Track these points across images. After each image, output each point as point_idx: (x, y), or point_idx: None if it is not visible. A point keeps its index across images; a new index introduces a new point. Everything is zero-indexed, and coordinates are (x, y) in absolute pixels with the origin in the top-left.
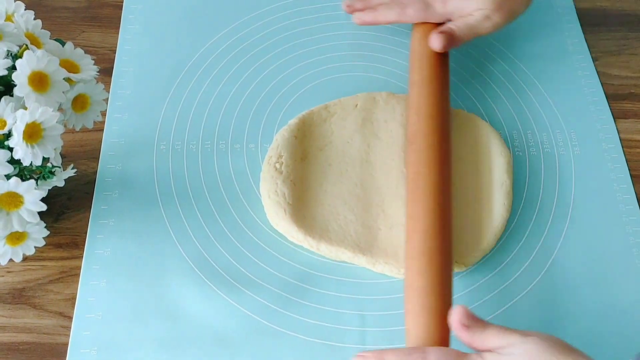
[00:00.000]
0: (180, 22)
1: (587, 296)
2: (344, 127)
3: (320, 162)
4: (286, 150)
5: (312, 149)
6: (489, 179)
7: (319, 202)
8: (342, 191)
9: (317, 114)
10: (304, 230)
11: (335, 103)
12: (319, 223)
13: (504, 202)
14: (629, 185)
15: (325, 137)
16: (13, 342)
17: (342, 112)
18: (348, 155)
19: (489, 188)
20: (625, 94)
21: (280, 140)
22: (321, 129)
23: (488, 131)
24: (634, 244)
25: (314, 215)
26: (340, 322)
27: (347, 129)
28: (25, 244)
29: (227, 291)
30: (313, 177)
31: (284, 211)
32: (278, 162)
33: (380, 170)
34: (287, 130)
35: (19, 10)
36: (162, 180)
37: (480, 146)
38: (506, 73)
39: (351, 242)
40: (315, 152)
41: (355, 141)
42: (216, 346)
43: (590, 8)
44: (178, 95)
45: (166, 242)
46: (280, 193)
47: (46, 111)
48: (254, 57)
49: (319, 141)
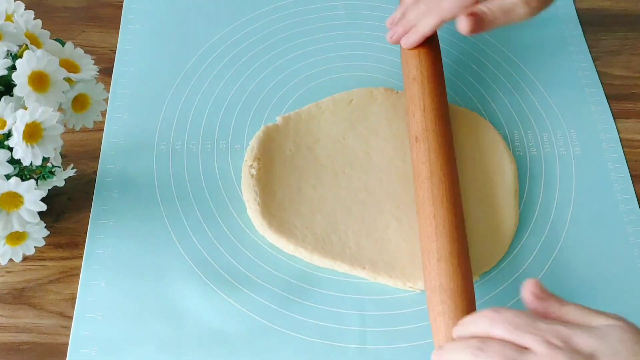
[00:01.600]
0: (180, 22)
1: (587, 296)
2: (335, 124)
3: (309, 162)
4: (262, 151)
5: (300, 147)
6: (500, 189)
7: (314, 209)
8: (342, 197)
9: (305, 112)
10: (294, 241)
11: (327, 100)
12: (314, 234)
13: (514, 215)
14: (629, 186)
15: (313, 134)
16: (13, 342)
17: (334, 108)
18: (343, 154)
19: (499, 199)
20: (625, 94)
21: (255, 142)
22: (309, 125)
23: (492, 134)
24: (634, 244)
25: (308, 224)
26: (340, 322)
27: (340, 126)
28: (25, 244)
29: (227, 291)
30: (303, 180)
31: (268, 223)
32: (253, 166)
33: (386, 172)
34: (263, 131)
35: (18, 10)
36: (162, 180)
37: (486, 151)
38: (506, 73)
39: (350, 255)
40: (303, 152)
41: (350, 139)
42: (216, 346)
43: (591, 8)
44: (178, 95)
45: (166, 242)
46: (261, 202)
47: (46, 111)
48: (253, 57)
49: (306, 139)
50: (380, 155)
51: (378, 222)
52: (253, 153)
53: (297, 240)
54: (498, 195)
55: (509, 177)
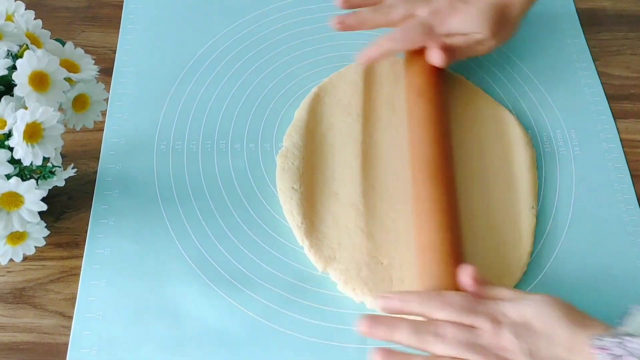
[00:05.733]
0: (180, 21)
1: (587, 296)
2: (341, 100)
3: (325, 152)
4: (298, 153)
5: (318, 135)
6: (519, 198)
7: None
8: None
9: (322, 89)
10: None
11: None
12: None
13: (531, 230)
14: (629, 185)
15: (325, 118)
16: (13, 342)
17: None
18: (351, 137)
19: (519, 212)
20: (625, 94)
21: (290, 146)
22: (322, 107)
23: (518, 138)
24: (634, 244)
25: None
26: (340, 322)
27: (344, 101)
28: (26, 243)
29: (227, 291)
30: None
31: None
32: (295, 181)
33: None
34: (294, 129)
35: (19, 10)
36: (163, 180)
37: (510, 156)
38: (506, 73)
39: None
40: (321, 140)
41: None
42: (216, 346)
43: (591, 8)
44: (178, 95)
45: (166, 242)
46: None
47: (46, 111)
48: (254, 57)
49: (322, 125)
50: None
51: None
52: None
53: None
54: (517, 210)
55: (528, 192)
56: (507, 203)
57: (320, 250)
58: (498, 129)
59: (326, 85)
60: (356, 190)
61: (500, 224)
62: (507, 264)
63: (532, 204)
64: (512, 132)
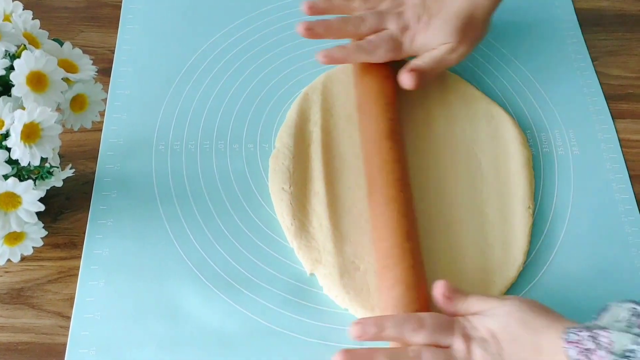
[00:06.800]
0: (179, 22)
1: (586, 296)
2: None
3: (312, 152)
4: (291, 165)
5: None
6: (514, 197)
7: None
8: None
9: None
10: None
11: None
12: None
13: (527, 231)
14: (628, 185)
15: (313, 118)
16: (11, 342)
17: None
18: (342, 144)
19: (514, 212)
20: (623, 94)
21: (281, 147)
22: (311, 107)
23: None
24: (633, 244)
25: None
26: (340, 323)
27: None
28: (23, 244)
29: (226, 292)
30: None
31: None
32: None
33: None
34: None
35: (17, 10)
36: (161, 180)
37: (505, 156)
38: (505, 73)
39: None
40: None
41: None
42: (216, 346)
43: (590, 8)
44: (177, 95)
45: (165, 242)
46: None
47: (44, 111)
48: (252, 58)
49: (309, 124)
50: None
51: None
52: (286, 174)
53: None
54: (512, 209)
55: (524, 192)
56: (502, 203)
57: (308, 252)
58: (493, 128)
59: (316, 85)
60: (334, 189)
61: (496, 224)
62: (503, 263)
63: (529, 204)
64: (508, 132)
